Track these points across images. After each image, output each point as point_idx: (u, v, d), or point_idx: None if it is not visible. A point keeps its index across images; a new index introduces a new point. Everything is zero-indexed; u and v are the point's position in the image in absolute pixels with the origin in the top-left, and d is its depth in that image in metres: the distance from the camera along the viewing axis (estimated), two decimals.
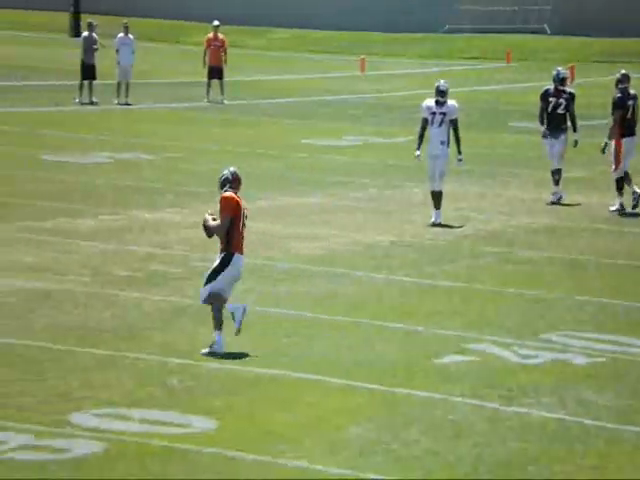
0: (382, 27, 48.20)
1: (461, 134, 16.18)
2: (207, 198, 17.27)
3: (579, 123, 17.96)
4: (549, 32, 47.44)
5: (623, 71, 17.60)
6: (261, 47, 46.28)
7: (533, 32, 47.09)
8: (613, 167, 17.28)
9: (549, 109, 17.75)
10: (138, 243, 14.33)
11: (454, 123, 16.05)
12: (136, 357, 10.30)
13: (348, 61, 41.30)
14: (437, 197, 16.13)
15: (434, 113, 16.08)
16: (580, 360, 10.63)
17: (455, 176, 18.37)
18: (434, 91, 16.22)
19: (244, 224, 10.43)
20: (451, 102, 16.16)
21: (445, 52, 45.23)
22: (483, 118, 27.00)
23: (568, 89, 17.92)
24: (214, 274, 10.47)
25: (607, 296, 12.75)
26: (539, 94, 18.05)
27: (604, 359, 10.68)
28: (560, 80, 17.84)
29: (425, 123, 16.20)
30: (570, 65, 35.63)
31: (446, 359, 10.54)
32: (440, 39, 47.43)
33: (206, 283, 10.49)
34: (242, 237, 10.44)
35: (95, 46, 28.11)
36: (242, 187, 10.49)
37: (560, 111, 17.69)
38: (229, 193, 10.39)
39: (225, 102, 28.83)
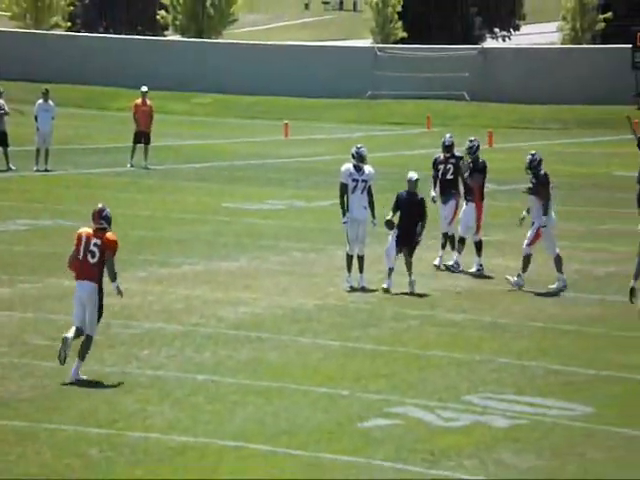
0: (305, 93, 48.66)
1: (384, 198, 16.35)
2: (129, 265, 17.14)
3: (497, 187, 18.13)
4: (468, 98, 48.26)
5: (533, 152, 16.80)
6: (184, 112, 46.38)
7: (453, 98, 47.86)
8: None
9: (439, 176, 18.02)
10: (57, 311, 14.10)
11: (369, 189, 16.29)
12: (55, 428, 10.12)
13: (272, 126, 41.55)
14: (360, 261, 16.22)
15: (356, 180, 16.26)
16: (501, 422, 10.69)
17: (376, 239, 18.49)
18: (352, 156, 16.38)
19: (87, 253, 11.56)
20: (369, 168, 16.37)
21: (368, 117, 45.72)
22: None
23: (456, 153, 18.21)
24: None
25: (527, 358, 12.87)
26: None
27: (524, 421, 10.75)
28: (447, 147, 18.10)
29: (345, 188, 16.33)
30: (488, 131, 36.25)
31: (370, 423, 10.53)
32: (363, 105, 47.96)
33: None
34: (85, 265, 11.56)
35: (2, 111, 27.73)
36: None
37: (449, 177, 17.98)
38: (80, 229, 11.74)
39: (149, 167, 28.79)
